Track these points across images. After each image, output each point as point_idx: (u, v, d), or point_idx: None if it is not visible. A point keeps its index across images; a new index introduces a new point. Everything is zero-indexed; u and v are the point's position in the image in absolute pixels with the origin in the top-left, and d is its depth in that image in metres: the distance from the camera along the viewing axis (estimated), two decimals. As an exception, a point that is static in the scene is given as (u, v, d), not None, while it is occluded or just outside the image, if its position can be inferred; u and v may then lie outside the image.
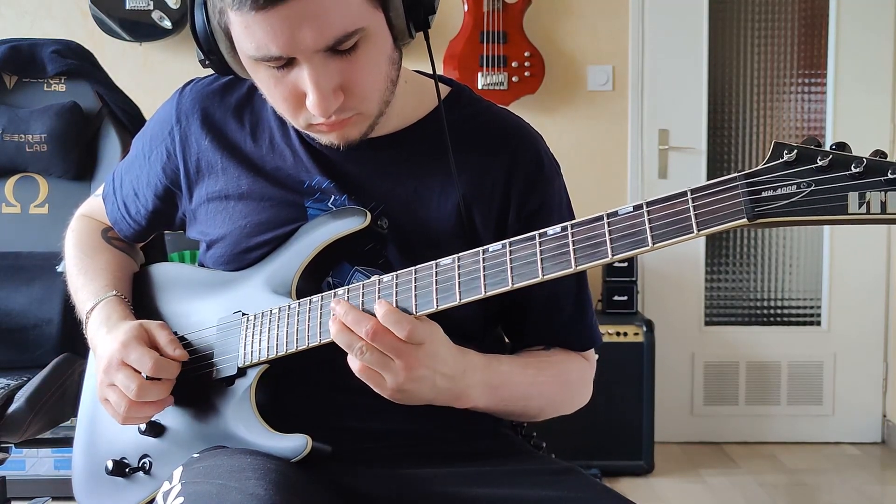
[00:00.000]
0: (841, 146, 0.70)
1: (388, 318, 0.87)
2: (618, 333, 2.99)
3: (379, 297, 0.91)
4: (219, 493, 0.82)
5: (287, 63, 0.89)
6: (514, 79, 3.29)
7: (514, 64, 3.28)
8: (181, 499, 0.84)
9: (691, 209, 0.74)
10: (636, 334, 3.01)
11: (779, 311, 3.52)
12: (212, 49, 0.94)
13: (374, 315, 0.88)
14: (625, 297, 3.14)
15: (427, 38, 0.99)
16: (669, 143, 3.44)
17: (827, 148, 0.71)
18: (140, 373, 0.98)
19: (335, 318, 0.89)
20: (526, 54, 3.29)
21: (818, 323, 3.50)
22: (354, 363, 0.88)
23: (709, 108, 3.45)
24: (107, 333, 1.04)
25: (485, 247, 0.85)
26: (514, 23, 3.30)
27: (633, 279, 3.16)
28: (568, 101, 3.43)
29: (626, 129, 3.44)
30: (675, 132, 3.44)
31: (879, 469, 3.26)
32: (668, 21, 3.41)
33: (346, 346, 0.88)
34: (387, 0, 0.90)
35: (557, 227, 0.82)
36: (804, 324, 3.51)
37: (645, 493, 2.89)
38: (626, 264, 3.14)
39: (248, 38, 0.87)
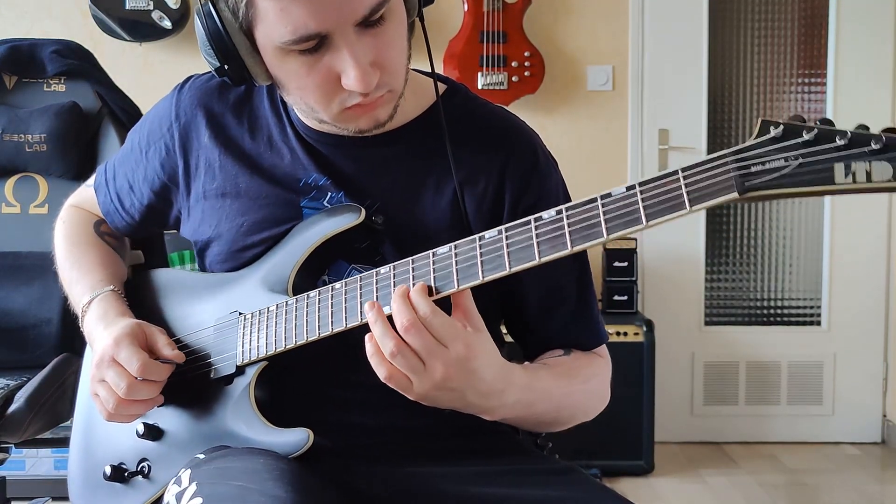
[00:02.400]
0: (826, 122, 0.72)
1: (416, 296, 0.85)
2: (618, 333, 2.99)
3: (377, 289, 0.91)
4: (240, 495, 0.82)
5: (319, 45, 0.89)
6: (514, 79, 3.29)
7: (514, 64, 3.28)
8: (199, 499, 0.84)
9: (683, 186, 0.75)
10: (636, 334, 3.01)
11: (779, 311, 3.52)
12: (230, 54, 0.92)
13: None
14: (625, 297, 3.14)
15: (423, 27, 1.00)
16: (669, 143, 3.44)
17: (811, 123, 0.72)
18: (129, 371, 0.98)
19: (372, 305, 0.88)
20: (526, 54, 3.29)
21: (818, 323, 3.50)
22: (381, 370, 0.86)
23: (709, 108, 3.45)
24: (104, 329, 1.04)
25: (481, 234, 0.86)
26: (514, 23, 3.30)
27: (633, 279, 3.16)
28: (568, 101, 3.43)
29: (626, 129, 3.44)
30: (675, 132, 3.44)
31: (879, 469, 3.26)
32: (668, 21, 3.41)
33: (379, 338, 0.86)
34: None
35: (552, 211, 0.82)
36: (804, 324, 3.51)
37: (645, 493, 2.89)
38: (626, 264, 3.14)
39: (284, 21, 0.87)
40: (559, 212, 0.82)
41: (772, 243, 3.51)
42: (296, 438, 0.92)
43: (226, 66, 0.94)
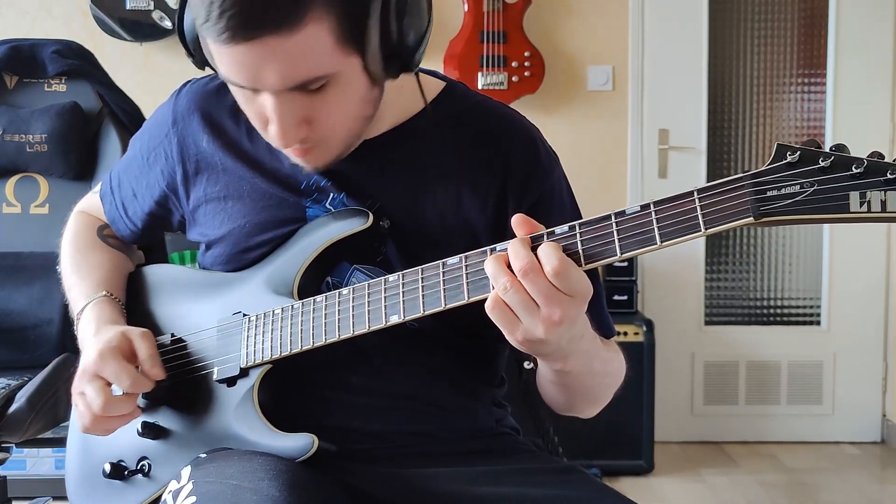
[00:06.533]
0: (840, 148, 0.72)
1: (550, 255, 0.80)
2: (618, 333, 2.98)
3: (385, 297, 0.91)
4: (233, 494, 0.82)
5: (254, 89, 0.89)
6: (514, 79, 3.29)
7: (514, 64, 3.29)
8: (193, 498, 0.84)
9: (698, 208, 0.76)
10: (636, 334, 3.01)
11: (779, 311, 3.52)
12: (195, 49, 0.94)
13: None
14: (625, 297, 3.14)
15: (420, 85, 0.99)
16: (669, 143, 3.44)
17: (827, 149, 0.72)
18: (109, 387, 0.97)
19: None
20: (526, 54, 3.29)
21: (818, 323, 3.50)
22: (488, 300, 0.82)
23: (709, 108, 3.45)
24: (93, 335, 1.03)
25: (493, 246, 0.85)
26: (514, 23, 3.30)
27: (633, 279, 3.16)
28: (568, 101, 3.43)
29: (626, 129, 3.44)
30: (675, 132, 3.44)
31: (879, 469, 3.26)
32: (668, 21, 3.41)
33: (492, 277, 0.81)
34: (364, 46, 0.88)
35: (565, 227, 0.82)
36: (804, 323, 3.51)
37: (645, 493, 2.90)
38: (626, 264, 3.14)
39: (218, 63, 0.88)
40: (572, 227, 0.81)
41: (772, 243, 3.51)
42: (300, 443, 0.92)
43: (192, 55, 0.95)
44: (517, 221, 0.84)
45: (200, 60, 0.95)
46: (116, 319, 1.07)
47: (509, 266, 0.81)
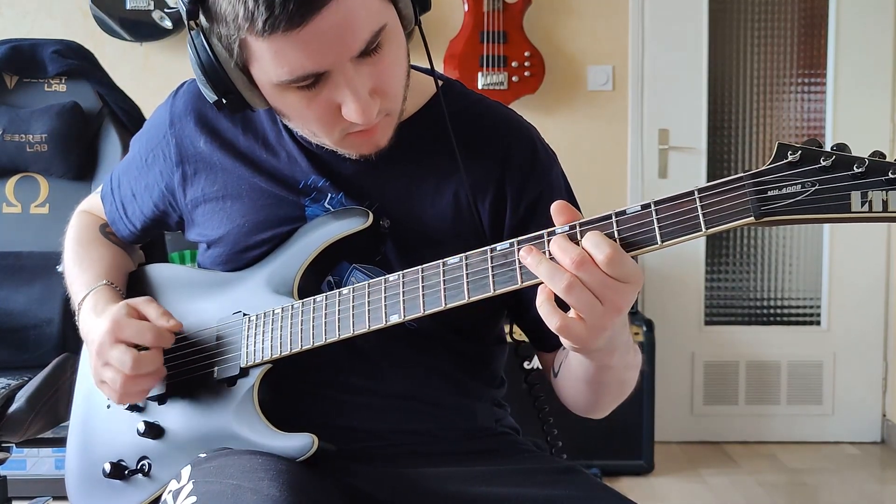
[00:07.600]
0: (842, 147, 0.72)
1: (594, 238, 0.77)
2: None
3: (385, 297, 0.91)
4: (233, 494, 0.82)
5: (316, 80, 0.88)
6: (514, 79, 3.29)
7: (514, 64, 3.29)
8: (193, 498, 0.84)
9: (699, 208, 0.75)
10: (636, 334, 3.01)
11: (779, 311, 3.52)
12: (227, 89, 0.91)
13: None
14: (625, 297, 3.14)
15: (423, 35, 0.98)
16: (669, 143, 3.44)
17: (828, 149, 0.72)
18: (133, 347, 0.97)
19: (530, 249, 0.81)
20: (526, 54, 3.29)
21: (818, 323, 3.50)
22: (553, 320, 0.79)
23: (709, 108, 3.45)
24: (96, 317, 1.03)
25: (493, 245, 0.85)
26: (514, 23, 3.30)
27: (633, 279, 3.15)
28: (568, 101, 3.43)
29: (626, 129, 3.44)
30: (675, 132, 3.44)
31: (879, 469, 3.26)
32: (668, 21, 3.41)
33: (547, 277, 0.78)
34: None
35: (566, 227, 0.81)
36: (804, 323, 3.51)
37: (645, 493, 2.90)
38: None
39: (279, 62, 0.86)
40: (572, 227, 0.81)
41: (772, 243, 3.51)
42: (300, 443, 0.92)
43: (224, 101, 0.93)
44: (558, 208, 0.82)
45: (236, 98, 0.92)
46: (116, 301, 1.07)
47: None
